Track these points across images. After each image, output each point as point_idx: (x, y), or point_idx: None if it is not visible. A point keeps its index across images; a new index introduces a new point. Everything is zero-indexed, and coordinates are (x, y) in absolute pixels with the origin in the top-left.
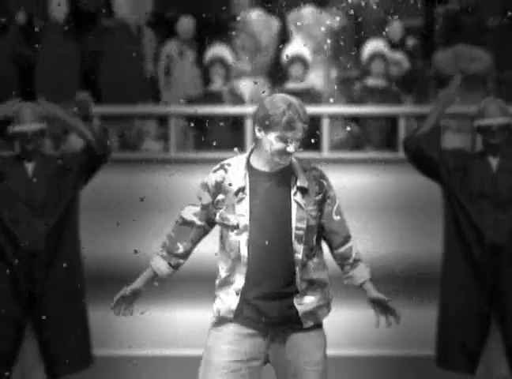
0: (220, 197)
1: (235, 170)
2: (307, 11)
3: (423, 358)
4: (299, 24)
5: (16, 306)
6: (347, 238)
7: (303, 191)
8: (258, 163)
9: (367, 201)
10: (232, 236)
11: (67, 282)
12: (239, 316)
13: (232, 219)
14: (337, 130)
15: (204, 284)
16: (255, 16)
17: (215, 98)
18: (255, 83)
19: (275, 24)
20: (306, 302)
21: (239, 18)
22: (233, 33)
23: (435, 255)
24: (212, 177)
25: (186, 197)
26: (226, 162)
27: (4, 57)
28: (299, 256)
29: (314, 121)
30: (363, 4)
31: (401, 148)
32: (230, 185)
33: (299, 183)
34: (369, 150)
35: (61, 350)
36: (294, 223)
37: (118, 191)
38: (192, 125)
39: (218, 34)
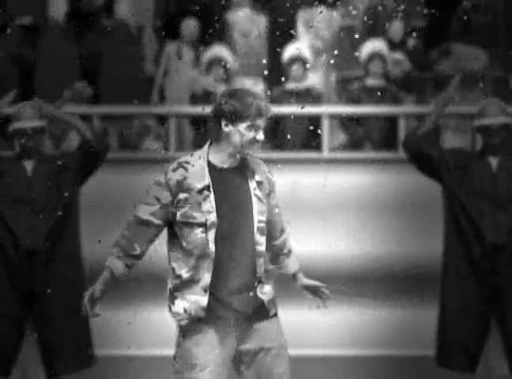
0: (182, 195)
1: (195, 168)
2: (318, 11)
3: (423, 358)
4: (308, 23)
5: (16, 305)
6: (283, 230)
7: (259, 185)
8: (217, 160)
9: (366, 201)
10: (198, 234)
11: (67, 281)
12: (208, 313)
13: (199, 217)
14: (338, 132)
15: None
16: (243, 15)
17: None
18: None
19: (263, 22)
20: (267, 292)
21: (227, 18)
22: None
23: (435, 255)
24: (173, 176)
25: None
26: (183, 160)
27: (4, 57)
28: (261, 248)
29: (314, 121)
30: (367, 5)
31: (401, 148)
32: (192, 183)
33: (257, 177)
34: (369, 150)
35: (61, 349)
36: (256, 217)
37: (118, 191)
38: (192, 124)
39: (218, 34)
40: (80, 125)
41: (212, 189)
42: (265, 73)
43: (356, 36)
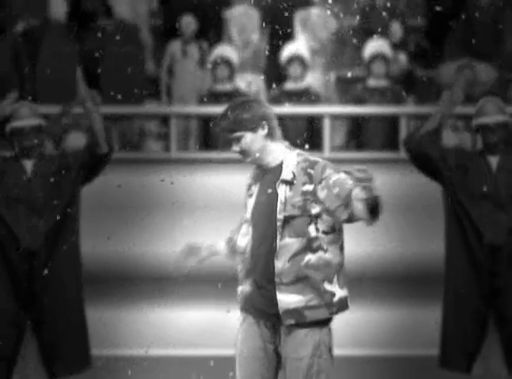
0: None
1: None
2: (314, 12)
3: (423, 358)
4: (305, 24)
5: (15, 306)
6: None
7: (287, 183)
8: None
9: None
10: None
11: (67, 281)
12: (248, 305)
13: (245, 214)
14: (338, 132)
15: (204, 285)
16: (238, 11)
17: (221, 98)
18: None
19: (256, 16)
20: (289, 300)
21: (226, 12)
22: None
23: (436, 255)
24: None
25: (187, 197)
26: None
27: (4, 57)
28: (281, 248)
29: (315, 121)
30: (366, 4)
31: (403, 148)
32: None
33: (283, 176)
34: (370, 150)
35: (61, 349)
36: (278, 214)
37: (119, 191)
38: (195, 124)
39: (218, 31)
40: (100, 125)
41: (254, 189)
42: (265, 68)
43: (357, 36)
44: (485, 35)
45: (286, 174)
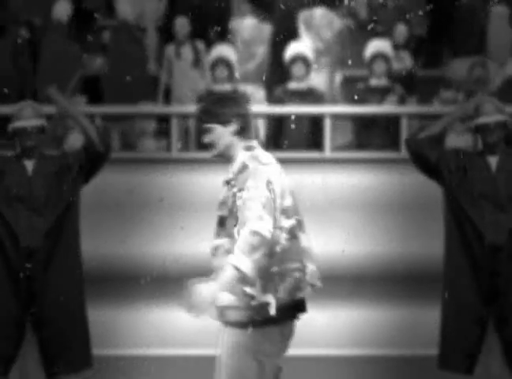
0: None
1: None
2: (318, 12)
3: (423, 358)
4: (308, 24)
5: (15, 305)
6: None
7: (226, 183)
8: None
9: (368, 201)
10: None
11: (67, 280)
12: None
13: None
14: (345, 132)
15: None
16: (247, 23)
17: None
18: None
19: (267, 30)
20: (221, 298)
21: (231, 25)
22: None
23: (436, 255)
24: None
25: (187, 197)
26: None
27: (4, 57)
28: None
29: (316, 121)
30: (370, 5)
31: (404, 148)
32: None
33: (224, 177)
34: (371, 150)
35: (61, 349)
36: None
37: (119, 191)
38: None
39: (217, 32)
40: (87, 125)
41: None
42: (266, 76)
43: (362, 35)
44: (468, 29)
45: (228, 175)
